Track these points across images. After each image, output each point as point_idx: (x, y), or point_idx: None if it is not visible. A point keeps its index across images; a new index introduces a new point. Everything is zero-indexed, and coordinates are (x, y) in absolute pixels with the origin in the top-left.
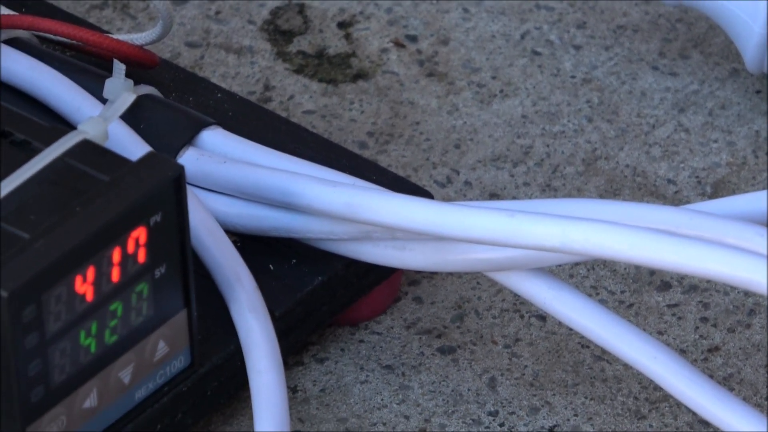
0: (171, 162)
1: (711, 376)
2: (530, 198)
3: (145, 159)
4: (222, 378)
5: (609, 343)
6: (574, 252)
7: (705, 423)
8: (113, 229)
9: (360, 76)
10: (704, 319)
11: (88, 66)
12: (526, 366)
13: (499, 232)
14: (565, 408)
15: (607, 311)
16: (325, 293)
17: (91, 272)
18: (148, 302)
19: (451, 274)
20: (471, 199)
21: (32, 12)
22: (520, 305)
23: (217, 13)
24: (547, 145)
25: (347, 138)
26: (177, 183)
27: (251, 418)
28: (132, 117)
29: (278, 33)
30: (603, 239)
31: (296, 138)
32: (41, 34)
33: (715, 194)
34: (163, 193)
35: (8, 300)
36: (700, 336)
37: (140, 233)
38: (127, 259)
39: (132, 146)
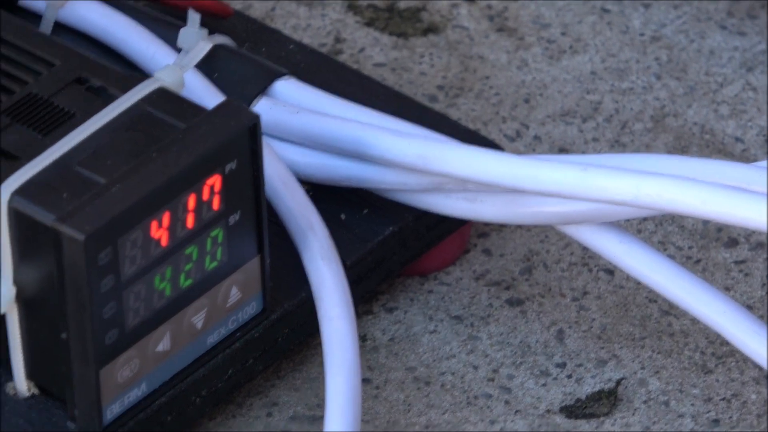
0: (247, 110)
1: None
2: (599, 153)
3: (221, 107)
4: (293, 324)
5: (678, 297)
6: (646, 206)
7: None
8: (189, 175)
9: (430, 30)
10: None
11: (162, 15)
12: (593, 319)
13: (572, 185)
14: (632, 361)
15: (676, 266)
16: (395, 243)
17: (166, 218)
18: (222, 248)
19: (520, 226)
20: (540, 154)
21: None
22: (588, 259)
23: None
24: (616, 102)
25: (417, 91)
26: (252, 131)
27: (320, 365)
28: (206, 66)
29: None
30: (676, 194)
31: (367, 90)
32: None
33: None
34: (238, 141)
35: (85, 243)
36: (767, 292)
37: (215, 180)
38: (202, 205)
39: (206, 95)
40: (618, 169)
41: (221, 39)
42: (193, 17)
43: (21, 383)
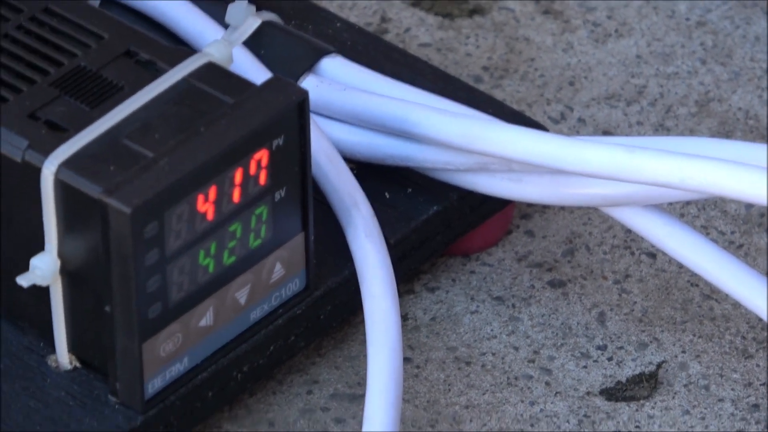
0: (295, 86)
1: None
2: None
3: (270, 83)
4: (336, 302)
5: (720, 281)
6: (692, 189)
7: None
8: (236, 150)
9: (476, 11)
10: None
11: None
12: (635, 302)
13: (618, 166)
14: (673, 345)
15: (719, 249)
16: (439, 223)
17: (213, 192)
18: (266, 224)
19: (563, 208)
20: (584, 136)
21: None
22: (630, 242)
23: None
24: (661, 86)
25: (462, 72)
26: (300, 107)
27: (362, 343)
28: (253, 43)
29: None
30: (722, 177)
31: (413, 69)
32: None
33: None
34: (286, 117)
35: (131, 216)
36: None
37: (262, 155)
38: (249, 180)
39: (254, 71)
40: (664, 151)
41: (269, 16)
42: None
43: (63, 356)
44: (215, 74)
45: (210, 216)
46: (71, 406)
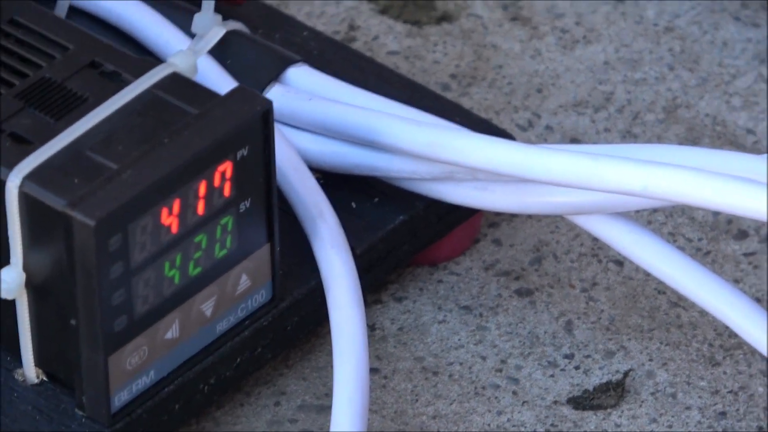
0: (259, 97)
1: None
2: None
3: (234, 93)
4: (302, 313)
5: (687, 289)
6: (657, 197)
7: None
8: (200, 161)
9: (444, 18)
10: None
11: (176, 1)
12: (602, 310)
13: (582, 174)
14: (641, 353)
15: (686, 257)
16: (406, 232)
17: (177, 204)
18: (232, 235)
19: (530, 216)
20: (551, 144)
21: None
22: (597, 250)
23: None
24: (629, 92)
25: (430, 80)
26: (265, 117)
27: (329, 354)
28: (219, 52)
29: None
30: (687, 185)
31: (380, 78)
32: None
33: None
34: (251, 128)
35: (95, 229)
36: None
37: (227, 167)
38: (213, 192)
39: (219, 81)
40: (628, 159)
41: (235, 25)
42: (207, 3)
43: (30, 370)
44: (180, 85)
45: (174, 228)
46: (38, 420)
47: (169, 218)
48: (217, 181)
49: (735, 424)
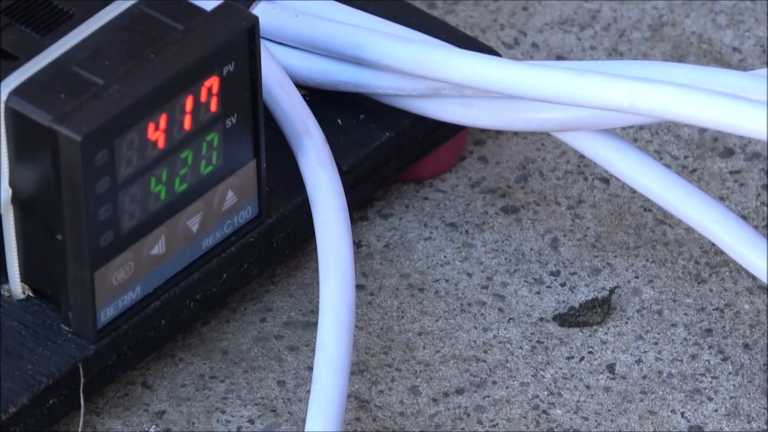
0: (245, 12)
1: None
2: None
3: (220, 9)
4: (288, 229)
5: (672, 206)
6: (643, 113)
7: (765, 288)
8: (187, 76)
9: None
10: (766, 186)
11: None
12: (588, 227)
13: (568, 90)
14: (626, 270)
15: (672, 174)
16: (391, 149)
17: (163, 119)
18: (218, 151)
19: (516, 134)
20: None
21: None
22: (584, 167)
23: None
24: (615, 10)
25: None
26: (251, 33)
27: (315, 270)
28: None
29: None
30: (673, 101)
31: None
32: None
33: None
34: (237, 43)
35: (81, 144)
36: (762, 203)
37: (213, 82)
38: (200, 107)
39: None
40: (615, 75)
41: None
42: None
43: (16, 285)
44: (166, 1)
45: (161, 144)
46: (24, 335)
47: (156, 133)
48: (203, 97)
49: (721, 341)
